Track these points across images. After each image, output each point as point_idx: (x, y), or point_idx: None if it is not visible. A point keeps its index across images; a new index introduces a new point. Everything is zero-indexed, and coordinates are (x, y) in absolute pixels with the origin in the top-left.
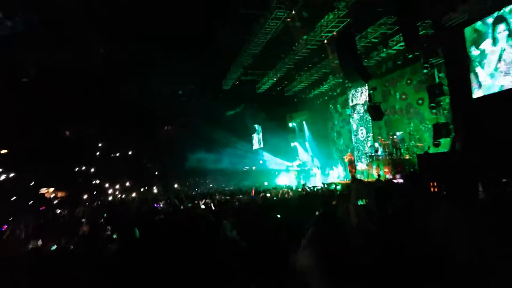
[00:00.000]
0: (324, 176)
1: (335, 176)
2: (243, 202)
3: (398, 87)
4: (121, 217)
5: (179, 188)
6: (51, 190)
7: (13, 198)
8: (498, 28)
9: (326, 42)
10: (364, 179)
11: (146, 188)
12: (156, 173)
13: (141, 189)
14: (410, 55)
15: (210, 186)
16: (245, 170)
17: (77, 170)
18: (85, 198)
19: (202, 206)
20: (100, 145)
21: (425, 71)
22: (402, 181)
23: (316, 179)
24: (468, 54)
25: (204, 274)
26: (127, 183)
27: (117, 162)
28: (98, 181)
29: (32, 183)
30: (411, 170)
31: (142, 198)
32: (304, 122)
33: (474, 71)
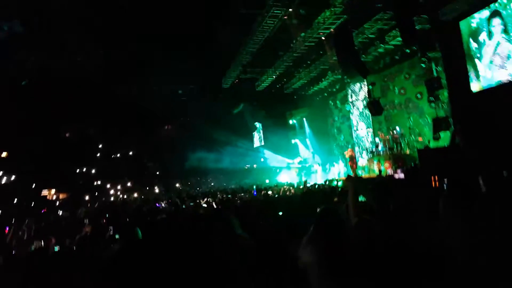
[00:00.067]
0: (325, 172)
1: (336, 172)
2: (245, 200)
3: (396, 82)
4: (123, 217)
5: (181, 187)
6: (53, 191)
7: (15, 200)
8: (493, 21)
9: (323, 38)
10: (360, 176)
11: (148, 188)
12: (157, 173)
13: (142, 189)
14: (408, 50)
15: (212, 185)
16: (246, 168)
17: (78, 171)
18: (86, 199)
19: (204, 205)
20: (100, 146)
21: (423, 65)
22: (403, 176)
23: (317, 176)
24: (466, 47)
25: (211, 273)
26: (129, 184)
27: (118, 163)
28: (99, 182)
29: (33, 185)
30: (412, 164)
31: (143, 198)
32: (304, 119)
33: (472, 64)
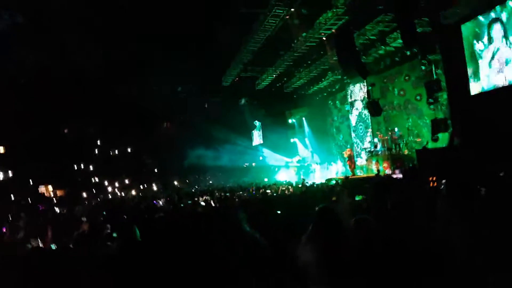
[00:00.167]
0: (323, 171)
1: (335, 171)
2: (243, 199)
3: (396, 83)
4: (120, 215)
5: (179, 185)
6: (50, 188)
7: (11, 196)
8: (494, 27)
9: (324, 39)
10: (359, 175)
11: (146, 185)
12: (155, 170)
13: (140, 186)
14: (408, 52)
15: (210, 183)
16: (245, 166)
17: (76, 168)
18: (84, 196)
19: (202, 203)
20: (99, 142)
21: (423, 68)
22: (401, 176)
23: (315, 175)
24: (466, 50)
25: (211, 272)
26: (127, 181)
27: (116, 160)
28: (97, 179)
29: (30, 182)
30: (410, 165)
31: (141, 195)
32: (303, 118)
33: (471, 67)
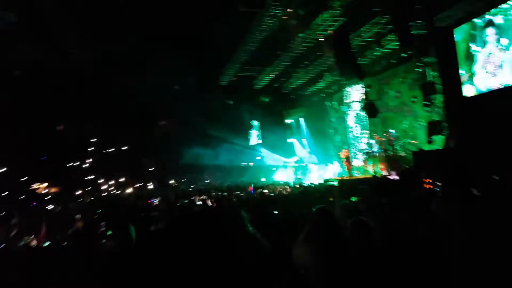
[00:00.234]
0: (320, 172)
1: (331, 172)
2: (241, 199)
3: (392, 85)
4: (116, 213)
5: (176, 184)
6: (44, 185)
7: (4, 193)
8: (488, 30)
9: (322, 40)
10: (356, 176)
11: (142, 184)
12: (151, 168)
13: (136, 184)
14: (404, 54)
15: (207, 182)
16: (242, 166)
17: (70, 165)
18: (79, 193)
19: (199, 202)
20: (94, 140)
21: (418, 70)
22: (397, 177)
23: (313, 176)
24: (460, 53)
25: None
26: (122, 179)
27: (111, 158)
28: (92, 176)
29: (24, 178)
30: (406, 167)
31: (137, 194)
32: (301, 119)
33: (465, 70)
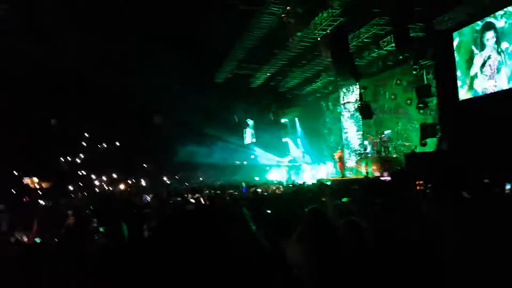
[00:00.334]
0: (313, 172)
1: (325, 172)
2: (234, 198)
3: (388, 87)
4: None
5: (169, 181)
6: (36, 180)
7: None
8: (487, 34)
9: (320, 39)
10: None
11: (134, 180)
12: (144, 165)
13: (129, 181)
14: (401, 56)
15: (200, 180)
16: (236, 164)
17: (63, 160)
18: (71, 189)
19: (192, 200)
20: (87, 135)
21: (414, 72)
22: (389, 178)
23: (306, 175)
24: (458, 56)
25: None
26: (115, 175)
27: (104, 154)
28: (84, 172)
29: (15, 173)
30: (398, 168)
31: (130, 190)
32: (296, 118)
33: (462, 73)
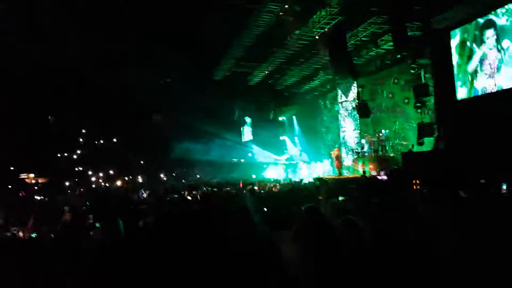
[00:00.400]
0: (310, 170)
1: (322, 171)
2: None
3: (385, 86)
4: (104, 205)
5: (165, 178)
6: (32, 176)
7: None
8: (486, 32)
9: (318, 38)
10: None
11: (131, 177)
12: (141, 162)
13: (125, 178)
14: (398, 55)
15: (197, 177)
16: (233, 162)
17: (59, 156)
18: (67, 185)
19: (189, 197)
20: (84, 131)
21: (412, 71)
22: (386, 177)
23: (302, 174)
24: (456, 55)
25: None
26: (111, 171)
27: (101, 150)
28: (81, 168)
29: (12, 168)
30: (395, 167)
31: (126, 186)
32: (294, 116)
33: (460, 72)
